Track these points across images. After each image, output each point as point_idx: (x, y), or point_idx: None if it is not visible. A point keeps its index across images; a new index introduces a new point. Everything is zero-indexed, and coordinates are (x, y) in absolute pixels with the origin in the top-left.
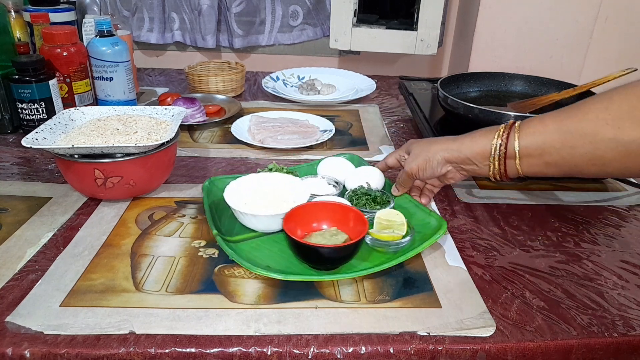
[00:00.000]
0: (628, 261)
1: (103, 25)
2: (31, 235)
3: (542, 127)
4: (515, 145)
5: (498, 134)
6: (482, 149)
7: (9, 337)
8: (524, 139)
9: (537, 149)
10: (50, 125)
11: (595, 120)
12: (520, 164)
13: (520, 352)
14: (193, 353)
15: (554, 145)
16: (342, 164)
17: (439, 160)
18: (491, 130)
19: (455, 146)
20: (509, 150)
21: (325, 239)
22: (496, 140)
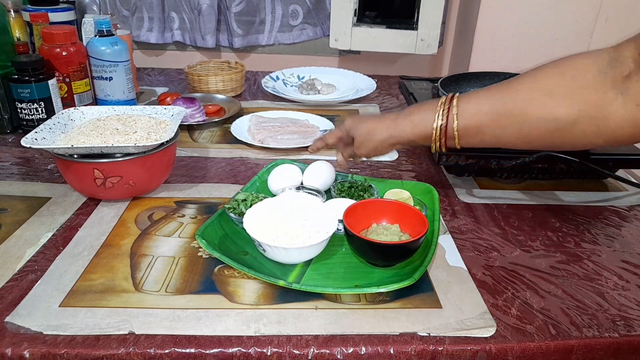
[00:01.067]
0: (629, 261)
1: (102, 25)
2: (30, 235)
3: (478, 107)
4: (455, 126)
5: (438, 114)
6: (424, 131)
7: (8, 338)
8: (462, 120)
9: (473, 130)
10: (49, 125)
11: (523, 101)
12: (459, 142)
13: (521, 352)
14: (193, 353)
15: (489, 125)
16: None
17: (385, 146)
18: (430, 109)
19: (397, 131)
20: (449, 131)
21: (384, 236)
22: (437, 122)
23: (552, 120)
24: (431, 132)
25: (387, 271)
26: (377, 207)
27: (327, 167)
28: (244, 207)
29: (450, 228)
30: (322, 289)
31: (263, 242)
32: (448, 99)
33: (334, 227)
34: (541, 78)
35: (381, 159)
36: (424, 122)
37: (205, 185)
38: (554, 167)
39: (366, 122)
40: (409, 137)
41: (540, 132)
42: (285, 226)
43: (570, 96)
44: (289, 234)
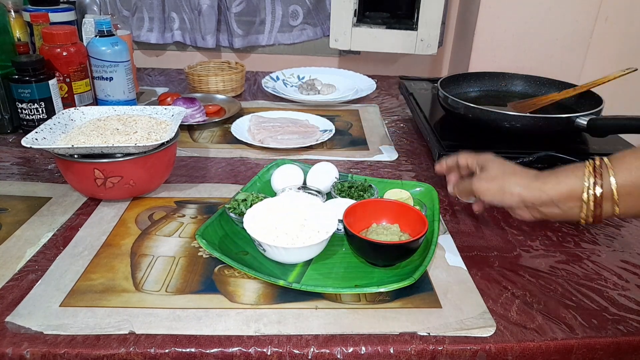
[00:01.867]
0: (628, 261)
1: (103, 25)
2: (31, 235)
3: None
4: (612, 182)
5: (588, 171)
6: (571, 188)
7: (8, 337)
8: (620, 176)
9: (637, 187)
10: (50, 125)
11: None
12: (619, 204)
13: (521, 352)
14: (193, 353)
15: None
16: (295, 171)
17: (514, 195)
18: (578, 168)
19: (537, 185)
20: (605, 189)
21: (384, 235)
22: (588, 179)
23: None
24: (580, 188)
25: (387, 271)
26: (377, 207)
27: (331, 168)
28: (244, 207)
29: (450, 228)
30: (322, 289)
31: (263, 242)
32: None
33: (334, 227)
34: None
35: (382, 158)
36: (569, 177)
37: (206, 185)
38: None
39: (507, 163)
40: (550, 194)
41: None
42: (285, 226)
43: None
44: (289, 233)
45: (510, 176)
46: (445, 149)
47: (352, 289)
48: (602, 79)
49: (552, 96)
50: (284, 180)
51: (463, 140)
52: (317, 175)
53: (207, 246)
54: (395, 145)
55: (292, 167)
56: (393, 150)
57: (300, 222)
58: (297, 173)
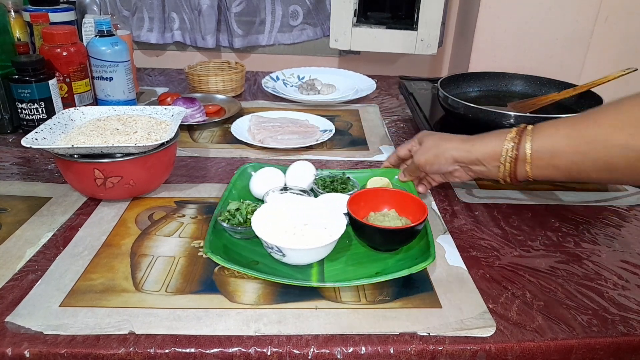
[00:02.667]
0: (628, 261)
1: (103, 25)
2: (31, 235)
3: (554, 131)
4: (527, 147)
5: (510, 137)
6: (493, 150)
7: (8, 337)
8: (536, 142)
9: (548, 153)
10: (50, 125)
11: (607, 127)
12: (531, 167)
13: (521, 352)
14: (193, 353)
15: (565, 150)
16: (274, 173)
17: (448, 158)
18: (503, 133)
19: (466, 146)
20: (520, 152)
21: (386, 221)
22: (508, 143)
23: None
24: (500, 150)
25: (394, 257)
26: (376, 195)
27: (309, 166)
28: (240, 217)
29: (450, 228)
30: (355, 282)
31: (284, 247)
32: (522, 126)
33: (344, 222)
34: (626, 107)
35: (382, 158)
36: (494, 141)
37: (206, 185)
38: None
39: (440, 134)
40: (476, 154)
41: (623, 161)
42: (295, 228)
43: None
44: (306, 235)
45: (443, 143)
46: None
47: (375, 277)
48: (602, 79)
49: (552, 96)
50: (265, 183)
51: None
52: (296, 174)
53: (226, 262)
54: (395, 145)
55: (271, 169)
56: (393, 150)
57: (307, 222)
58: (277, 175)
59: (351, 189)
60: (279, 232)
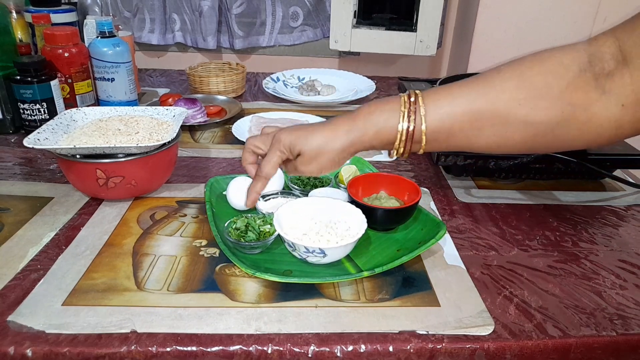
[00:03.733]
0: (626, 260)
1: (104, 26)
2: (33, 234)
3: (452, 108)
4: (423, 129)
5: (403, 116)
6: (389, 136)
7: (11, 336)
8: (431, 120)
9: (444, 133)
10: (52, 125)
11: (508, 101)
12: (425, 147)
13: (519, 351)
14: (194, 351)
15: (462, 127)
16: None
17: (344, 156)
18: (393, 111)
19: (357, 136)
20: (415, 135)
21: (383, 203)
22: (402, 124)
23: (536, 124)
24: (396, 135)
25: (406, 237)
26: (371, 180)
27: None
28: (252, 233)
29: (449, 227)
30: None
31: (325, 247)
32: (412, 99)
33: (359, 211)
34: (527, 76)
35: (381, 158)
36: (387, 125)
37: None
38: (552, 167)
39: (315, 133)
40: (372, 143)
41: (521, 135)
42: (320, 228)
43: (555, 96)
44: (332, 231)
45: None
46: None
47: (400, 256)
48: None
49: None
50: (244, 194)
51: None
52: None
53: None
54: None
55: (241, 179)
56: None
57: (323, 219)
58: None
59: (327, 180)
60: (310, 235)
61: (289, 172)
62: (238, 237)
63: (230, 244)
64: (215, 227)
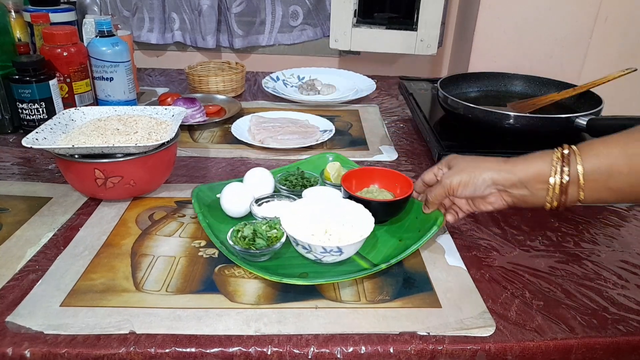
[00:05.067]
0: (628, 261)
1: (103, 26)
2: (31, 235)
3: (606, 150)
4: (579, 169)
5: (556, 157)
6: (539, 171)
7: (9, 337)
8: (587, 163)
9: (603, 174)
10: (50, 125)
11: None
12: (584, 190)
13: (520, 351)
14: (193, 353)
15: (621, 170)
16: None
17: (486, 179)
18: (547, 154)
19: (506, 167)
20: (572, 174)
21: (376, 196)
22: (556, 163)
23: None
24: (548, 171)
25: (406, 228)
26: (364, 174)
27: (264, 172)
28: (261, 239)
29: (450, 228)
30: (404, 255)
31: (343, 245)
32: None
33: (361, 207)
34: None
35: (382, 158)
36: (538, 161)
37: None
38: None
39: (472, 156)
40: (519, 175)
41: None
42: (332, 228)
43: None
44: (346, 230)
45: (479, 163)
46: (444, 149)
47: (404, 245)
48: (602, 79)
49: (551, 96)
50: (240, 199)
51: (462, 141)
52: (255, 182)
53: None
54: (395, 145)
55: (233, 185)
56: (393, 150)
57: (333, 218)
58: (244, 188)
59: (315, 179)
60: (318, 235)
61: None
62: (247, 246)
63: (238, 253)
64: (216, 238)
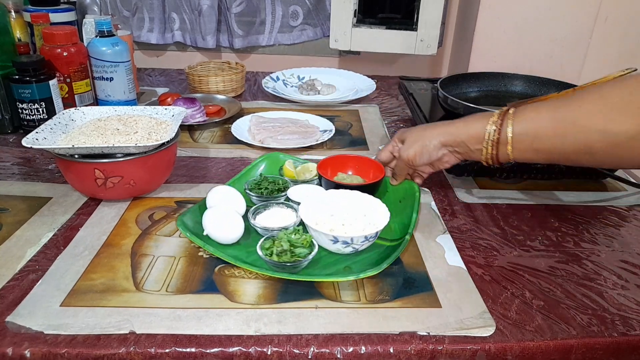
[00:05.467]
0: (628, 261)
1: (103, 26)
2: (31, 235)
3: (536, 115)
4: (508, 131)
5: (492, 120)
6: (476, 132)
7: (9, 337)
8: (517, 126)
9: (529, 136)
10: (50, 125)
11: (588, 111)
12: (512, 149)
13: (520, 351)
14: (193, 353)
15: (546, 133)
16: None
17: (436, 144)
18: (486, 116)
19: (450, 129)
20: (502, 136)
21: (348, 180)
22: (490, 126)
23: (614, 134)
24: (483, 134)
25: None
26: (338, 162)
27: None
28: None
29: (449, 228)
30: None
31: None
32: (504, 109)
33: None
34: (608, 91)
35: None
36: (477, 123)
37: (206, 185)
38: (553, 167)
39: (420, 126)
40: (461, 137)
41: (601, 145)
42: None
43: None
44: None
45: (427, 132)
46: None
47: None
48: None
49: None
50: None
51: None
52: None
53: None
54: None
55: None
56: None
57: (358, 212)
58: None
59: (281, 181)
60: (343, 227)
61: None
62: (291, 259)
63: (281, 268)
64: (239, 260)
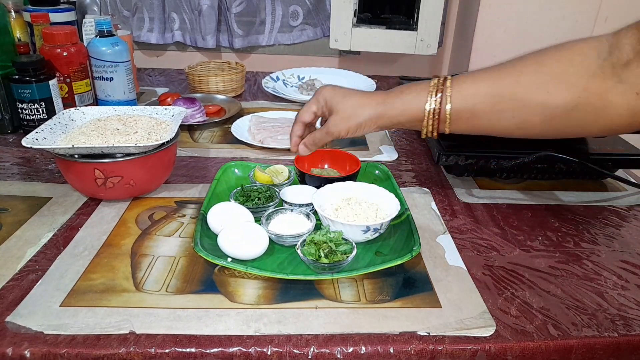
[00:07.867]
0: (628, 261)
1: (103, 26)
2: (31, 235)
3: (475, 90)
4: (448, 109)
5: (430, 95)
6: (416, 113)
7: (9, 337)
8: (456, 102)
9: (467, 113)
10: (50, 125)
11: (527, 85)
12: (450, 125)
13: (520, 352)
14: (193, 353)
15: (484, 109)
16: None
17: (371, 126)
18: (423, 90)
19: (388, 111)
20: (441, 114)
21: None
22: (429, 105)
23: (552, 107)
24: (422, 115)
25: None
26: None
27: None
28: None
29: (449, 228)
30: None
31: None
32: (441, 81)
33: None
34: (546, 62)
35: (382, 158)
36: (415, 103)
37: (206, 185)
38: (553, 167)
39: (353, 96)
40: (399, 118)
41: (540, 118)
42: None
43: (571, 82)
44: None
45: (361, 110)
46: (444, 149)
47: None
48: None
49: None
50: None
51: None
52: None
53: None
54: (395, 145)
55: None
56: (393, 150)
57: (365, 200)
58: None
59: (264, 188)
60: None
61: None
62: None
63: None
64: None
